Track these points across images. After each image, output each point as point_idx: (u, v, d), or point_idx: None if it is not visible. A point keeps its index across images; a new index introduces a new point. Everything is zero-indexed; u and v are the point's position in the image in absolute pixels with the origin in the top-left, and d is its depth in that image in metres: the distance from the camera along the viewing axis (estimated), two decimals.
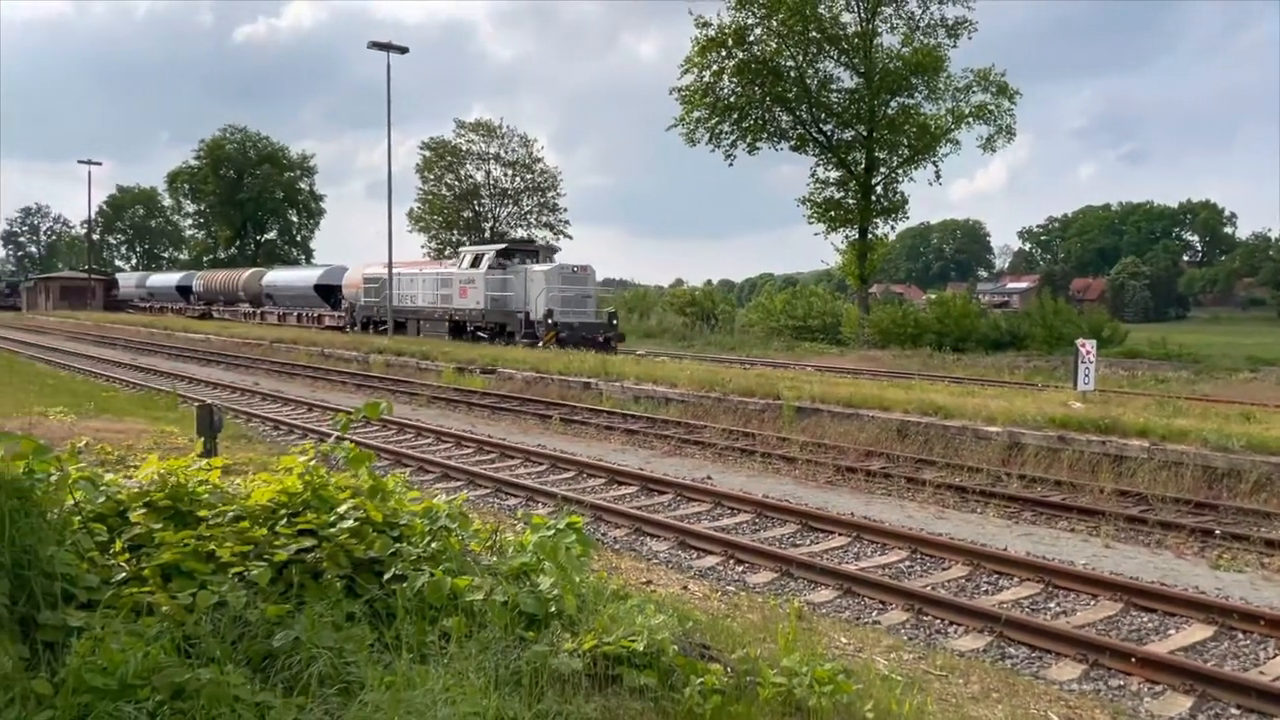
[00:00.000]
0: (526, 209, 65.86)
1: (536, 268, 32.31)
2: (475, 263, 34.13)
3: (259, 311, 53.27)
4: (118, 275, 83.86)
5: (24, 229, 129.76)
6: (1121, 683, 6.29)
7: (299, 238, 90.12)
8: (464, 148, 64.48)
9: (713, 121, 40.93)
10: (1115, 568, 8.74)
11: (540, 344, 29.50)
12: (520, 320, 31.68)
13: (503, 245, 35.43)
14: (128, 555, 4.21)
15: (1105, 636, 6.94)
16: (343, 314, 43.76)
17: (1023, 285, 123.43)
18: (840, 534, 9.69)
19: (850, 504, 11.23)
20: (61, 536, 3.95)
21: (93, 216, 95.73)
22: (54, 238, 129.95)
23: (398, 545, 4.58)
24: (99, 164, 75.20)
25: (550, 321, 30.12)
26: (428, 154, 64.87)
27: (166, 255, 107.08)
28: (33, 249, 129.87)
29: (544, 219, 66.14)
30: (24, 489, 3.78)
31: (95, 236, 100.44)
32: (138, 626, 3.57)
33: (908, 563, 8.86)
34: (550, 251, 36.27)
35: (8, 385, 18.71)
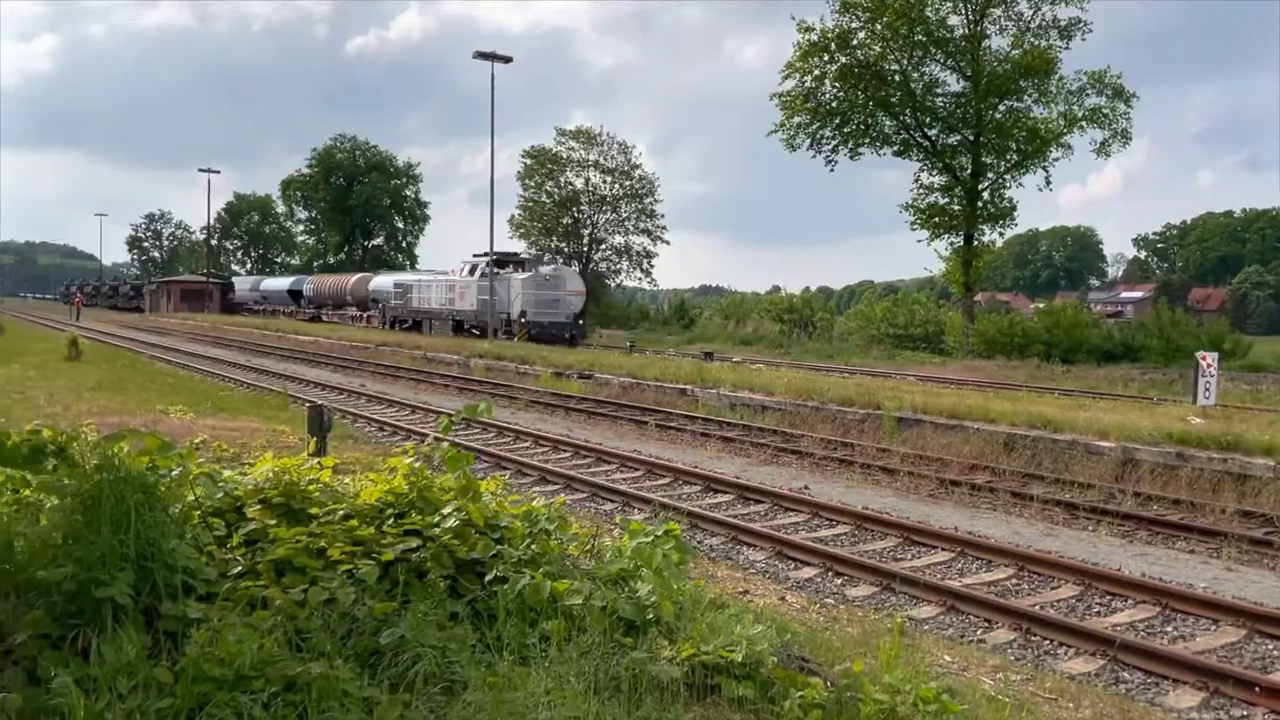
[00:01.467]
0: (625, 215, 66.39)
1: (516, 275, 38.28)
2: (472, 271, 40.58)
3: (365, 315, 54.83)
4: (234, 279, 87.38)
5: (148, 234, 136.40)
6: (1244, 713, 5.98)
7: (405, 243, 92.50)
8: (564, 155, 65.36)
9: (814, 127, 40.52)
10: (1238, 592, 8.32)
11: (514, 338, 35.54)
12: (502, 320, 37.75)
13: (494, 256, 40.21)
14: (244, 550, 4.36)
15: (1227, 664, 6.60)
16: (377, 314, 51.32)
17: (1137, 295, 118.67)
18: (943, 549, 9.46)
19: (954, 518, 10.96)
20: (182, 531, 4.12)
21: (211, 222, 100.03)
22: (175, 243, 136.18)
23: (499, 547, 4.65)
24: (218, 172, 78.83)
25: (523, 321, 36.37)
26: (529, 162, 65.93)
27: (279, 260, 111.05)
28: (155, 253, 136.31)
29: (641, 225, 66.59)
30: (149, 484, 3.95)
31: (213, 242, 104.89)
32: (253, 620, 3.70)
33: (1014, 580, 8.60)
34: (536, 262, 42.19)
35: (132, 384, 19.65)
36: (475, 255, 42.64)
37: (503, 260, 40.52)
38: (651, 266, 67.15)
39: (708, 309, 68.11)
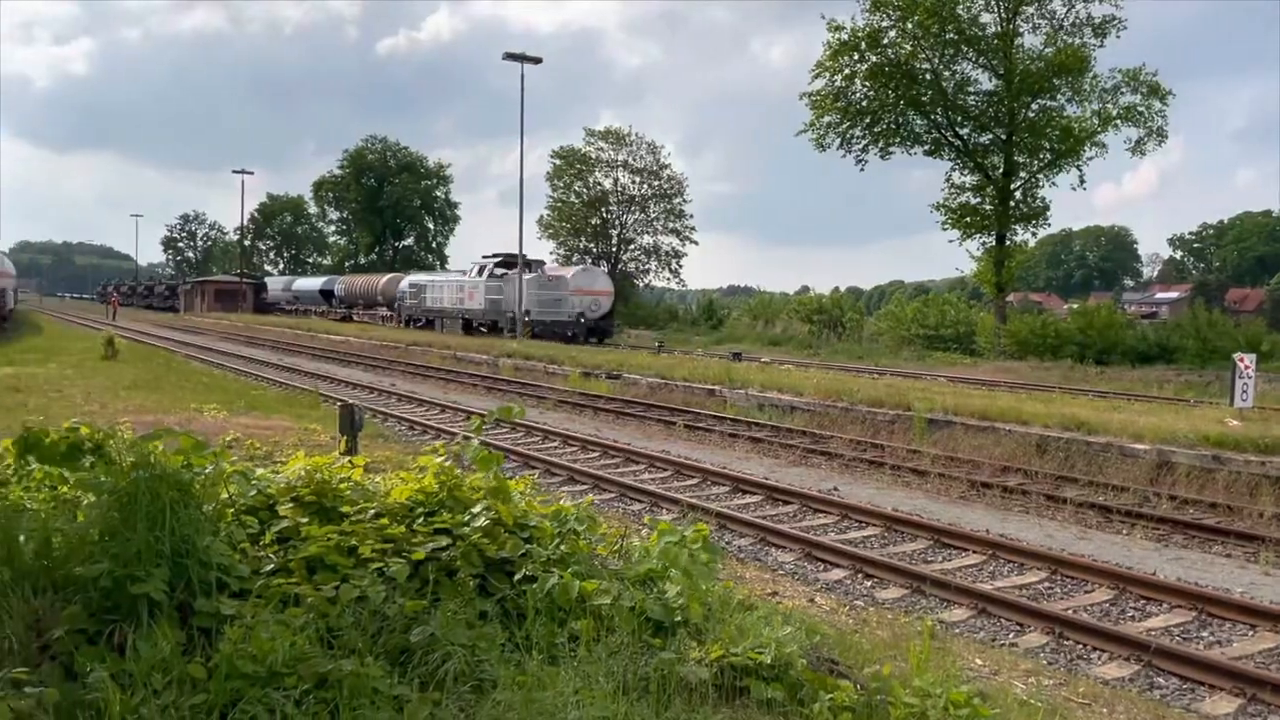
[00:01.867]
0: (653, 215, 66.42)
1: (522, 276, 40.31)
2: (480, 272, 43.67)
3: (395, 315, 55.28)
4: (266, 279, 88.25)
5: (182, 235, 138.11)
6: None
7: (435, 244, 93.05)
8: (593, 155, 65.48)
9: (844, 126, 40.30)
10: (1276, 597, 8.19)
11: (518, 336, 37.60)
12: (508, 318, 40.48)
13: (500, 258, 42.97)
14: (276, 547, 4.40)
15: (1265, 670, 6.50)
16: (395, 313, 54.62)
17: (1173, 295, 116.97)
18: (974, 551, 9.38)
19: (985, 521, 10.87)
20: (216, 528, 4.17)
21: (245, 223, 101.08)
22: (209, 243, 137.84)
23: (528, 546, 4.66)
24: (251, 173, 79.67)
25: (526, 320, 38.92)
26: (558, 162, 66.15)
27: (311, 260, 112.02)
28: (190, 254, 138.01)
29: (670, 225, 66.59)
30: (184, 482, 4.00)
31: (247, 242, 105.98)
32: (285, 617, 3.73)
33: (1047, 584, 8.51)
34: (539, 265, 44.50)
35: (167, 383, 19.90)
36: (484, 256, 45.00)
37: (510, 262, 42.71)
38: (680, 266, 67.25)
39: (736, 309, 67.94)
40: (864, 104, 40.07)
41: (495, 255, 44.14)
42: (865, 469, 14.00)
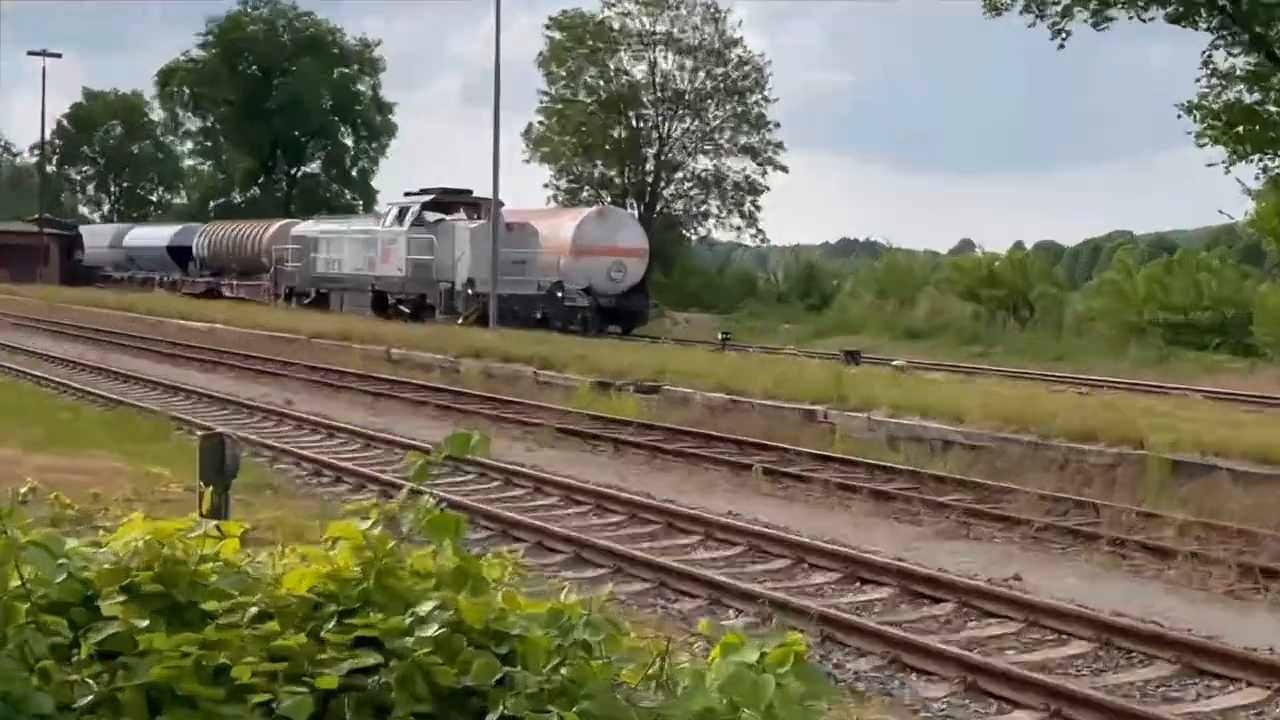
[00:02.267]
0: (714, 124, 66.24)
1: (463, 224, 39.75)
2: (400, 218, 42.46)
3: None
4: (82, 229, 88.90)
5: None
6: None
7: (355, 171, 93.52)
8: (616, 26, 65.49)
9: None
10: None
11: (461, 319, 36.41)
12: (442, 291, 38.96)
13: (430, 196, 42.58)
14: (98, 667, 4.44)
15: None
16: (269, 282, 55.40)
17: None
18: (1254, 684, 9.30)
19: (1268, 633, 10.78)
20: (1, 635, 4.21)
21: (47, 138, 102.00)
22: None
23: (507, 669, 4.68)
24: (57, 56, 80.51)
25: (471, 293, 37.23)
26: (558, 36, 66.23)
27: (155, 199, 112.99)
28: None
29: (742, 141, 66.38)
30: None
31: (50, 169, 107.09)
32: None
33: None
34: (491, 205, 40.72)
35: None
36: (407, 194, 45.13)
37: (446, 202, 42.77)
38: (758, 208, 67.20)
39: (850, 279, 67.78)
40: None
41: (424, 192, 44.34)
42: (1065, 543, 13.94)
